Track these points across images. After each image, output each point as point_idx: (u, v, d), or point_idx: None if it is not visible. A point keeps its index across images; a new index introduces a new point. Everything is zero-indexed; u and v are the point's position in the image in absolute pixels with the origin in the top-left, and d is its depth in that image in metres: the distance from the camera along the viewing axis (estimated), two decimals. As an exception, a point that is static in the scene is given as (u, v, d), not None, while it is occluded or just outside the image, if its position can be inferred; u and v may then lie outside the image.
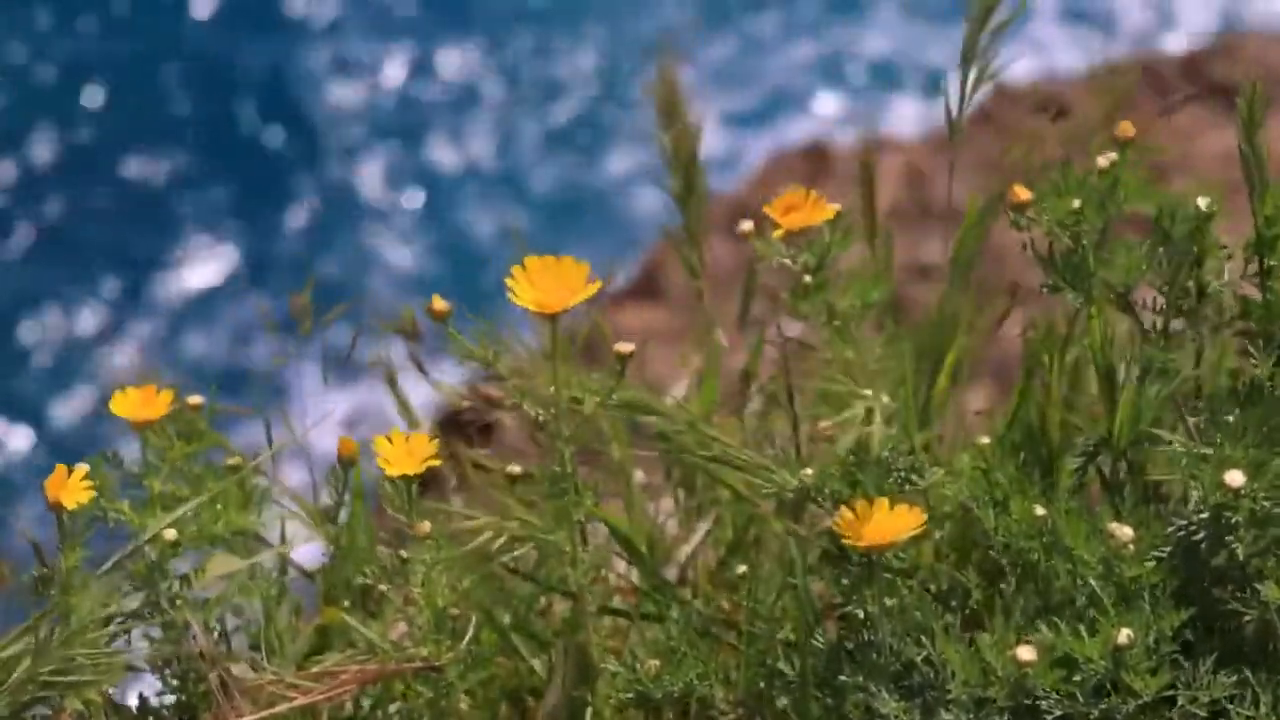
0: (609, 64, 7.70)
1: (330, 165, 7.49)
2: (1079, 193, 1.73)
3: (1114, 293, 1.76)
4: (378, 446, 1.71)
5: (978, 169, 5.35)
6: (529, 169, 7.41)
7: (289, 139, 7.53)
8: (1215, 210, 1.73)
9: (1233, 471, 1.61)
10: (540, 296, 1.63)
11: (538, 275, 1.64)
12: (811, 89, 7.56)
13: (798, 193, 1.78)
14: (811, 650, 1.71)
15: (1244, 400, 1.71)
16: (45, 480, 1.72)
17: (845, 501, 1.66)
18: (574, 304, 1.63)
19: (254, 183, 7.38)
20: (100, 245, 7.17)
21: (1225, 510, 1.62)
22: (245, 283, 7.06)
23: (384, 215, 7.33)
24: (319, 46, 7.84)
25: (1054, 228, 1.74)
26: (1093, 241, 1.74)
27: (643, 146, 6.54)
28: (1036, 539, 1.66)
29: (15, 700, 1.73)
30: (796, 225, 1.78)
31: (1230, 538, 1.63)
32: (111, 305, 7.02)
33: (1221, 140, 4.83)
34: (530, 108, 7.64)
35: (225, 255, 7.18)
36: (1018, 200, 1.75)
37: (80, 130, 7.51)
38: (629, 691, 1.74)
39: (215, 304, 7.03)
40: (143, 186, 7.39)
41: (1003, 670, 1.59)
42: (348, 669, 1.80)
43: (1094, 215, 1.74)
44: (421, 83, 7.79)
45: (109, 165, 7.43)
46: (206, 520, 1.85)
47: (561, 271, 1.64)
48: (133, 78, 7.68)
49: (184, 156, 7.45)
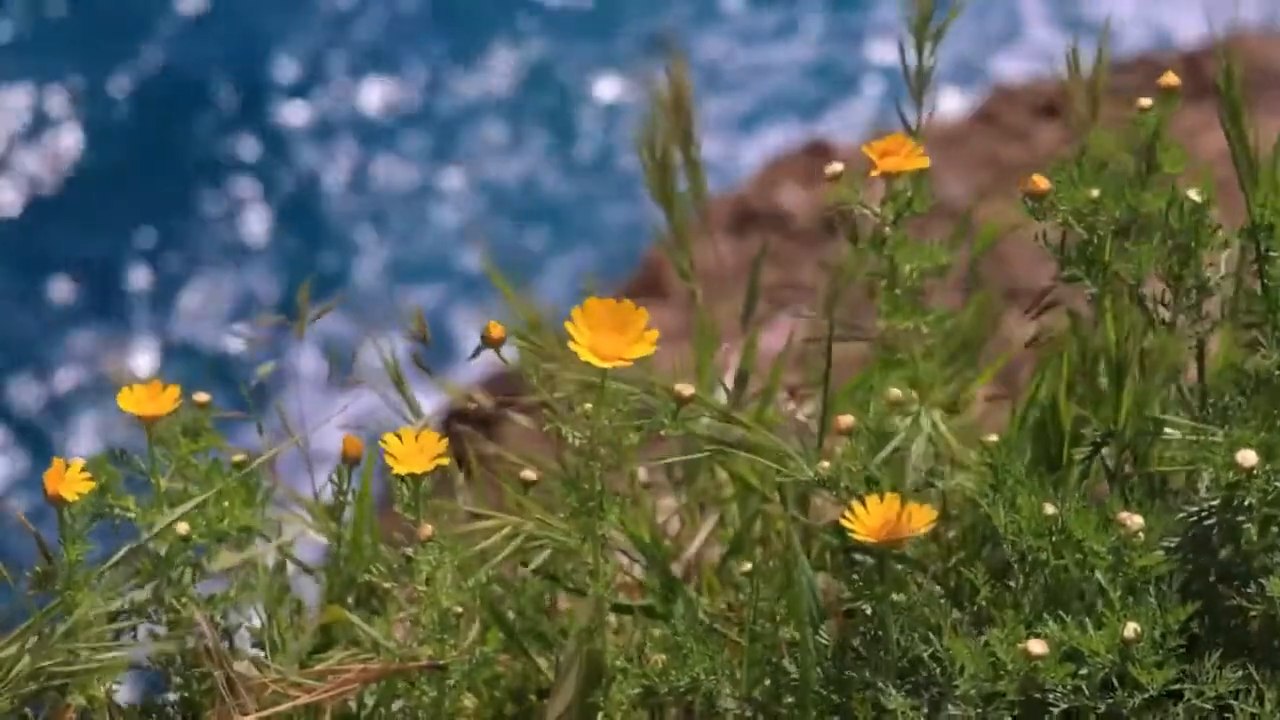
0: (608, 63, 7.70)
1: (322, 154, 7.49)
2: (1097, 182, 1.74)
3: (1127, 285, 1.76)
4: (386, 444, 1.70)
5: (979, 167, 5.36)
6: (531, 169, 7.41)
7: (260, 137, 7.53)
8: (1208, 199, 1.74)
9: (1245, 451, 1.62)
10: (597, 345, 1.62)
11: (596, 319, 1.63)
12: (811, 88, 7.56)
13: (896, 138, 1.79)
14: (816, 647, 1.71)
15: (1250, 390, 1.71)
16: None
17: (860, 496, 1.66)
18: (630, 359, 1.62)
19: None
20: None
21: (1238, 491, 1.63)
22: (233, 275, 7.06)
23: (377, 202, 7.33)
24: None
25: (1069, 218, 1.74)
26: (1110, 232, 1.74)
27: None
28: (1045, 537, 1.66)
29: (18, 695, 1.73)
30: (893, 169, 1.77)
31: (1243, 518, 1.64)
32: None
33: (1222, 139, 4.83)
34: (538, 103, 7.64)
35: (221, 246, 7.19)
36: (1035, 190, 1.75)
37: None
38: (636, 688, 1.74)
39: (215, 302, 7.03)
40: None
41: (1012, 664, 1.59)
42: (352, 667, 1.80)
43: (1112, 204, 1.74)
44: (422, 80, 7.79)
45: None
46: (213, 517, 1.85)
47: (620, 317, 1.63)
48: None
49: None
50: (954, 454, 1.77)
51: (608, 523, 1.70)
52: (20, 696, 1.74)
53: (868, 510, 1.64)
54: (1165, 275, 1.75)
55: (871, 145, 1.77)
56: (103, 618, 1.74)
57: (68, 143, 7.50)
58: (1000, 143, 5.44)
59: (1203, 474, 1.68)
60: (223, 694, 1.80)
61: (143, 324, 6.97)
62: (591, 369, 1.62)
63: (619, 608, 1.93)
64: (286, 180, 7.41)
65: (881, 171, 1.77)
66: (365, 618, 1.91)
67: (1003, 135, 5.47)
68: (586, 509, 1.69)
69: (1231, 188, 1.84)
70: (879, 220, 1.79)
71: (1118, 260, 1.74)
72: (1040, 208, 1.76)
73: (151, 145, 7.48)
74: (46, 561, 1.73)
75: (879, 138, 1.80)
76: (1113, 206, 1.74)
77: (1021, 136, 5.47)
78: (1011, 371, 2.84)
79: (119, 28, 7.81)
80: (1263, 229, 1.75)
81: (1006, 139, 5.45)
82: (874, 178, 1.78)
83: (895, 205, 1.79)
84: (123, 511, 1.81)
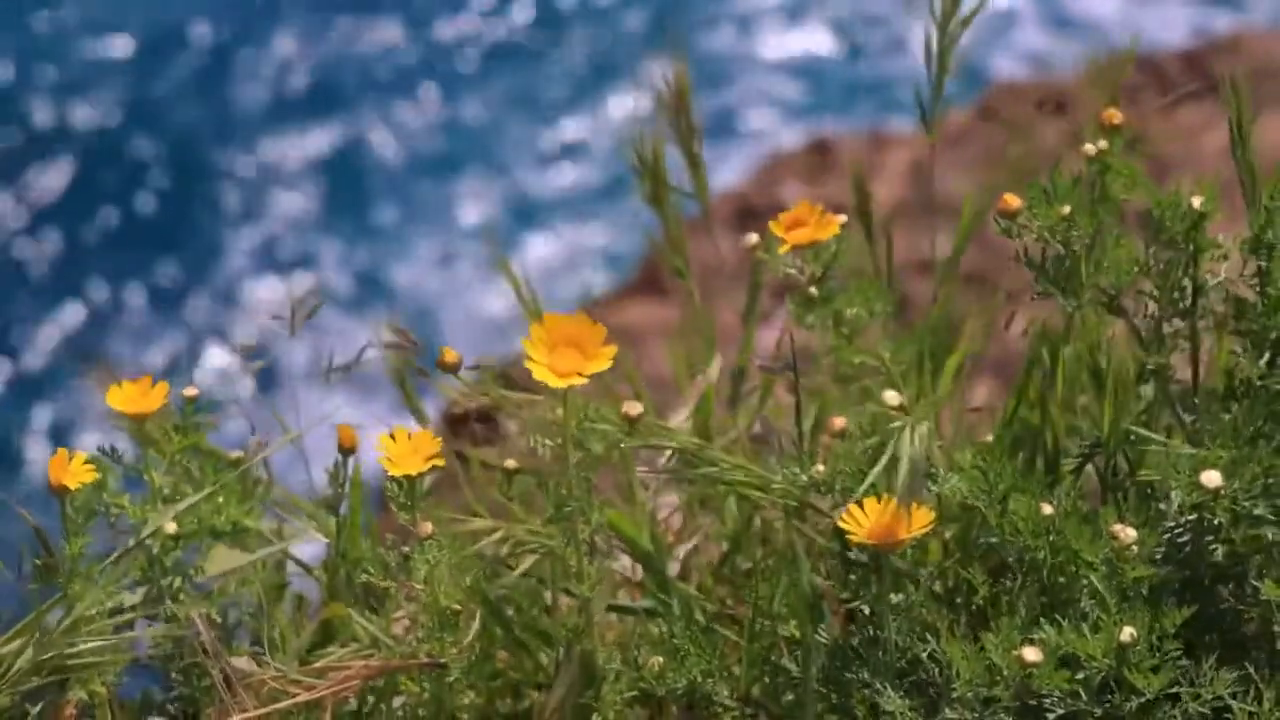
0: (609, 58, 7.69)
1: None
2: (1069, 198, 1.73)
3: (1106, 295, 1.76)
4: (382, 445, 1.70)
5: (981, 163, 5.36)
6: (529, 166, 7.41)
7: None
8: (1210, 209, 1.73)
9: (1209, 472, 1.61)
10: (555, 362, 1.62)
11: (554, 333, 1.63)
12: (810, 87, 7.56)
13: (803, 208, 1.79)
14: (815, 647, 1.71)
15: (1239, 399, 1.71)
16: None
17: (856, 499, 1.66)
18: (588, 376, 1.62)
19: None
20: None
21: (1204, 512, 1.62)
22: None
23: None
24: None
25: (1044, 234, 1.74)
26: (1084, 247, 1.74)
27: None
28: (1042, 538, 1.66)
29: (18, 691, 1.73)
30: (803, 241, 1.79)
31: (1210, 539, 1.63)
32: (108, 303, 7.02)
33: (1224, 137, 4.83)
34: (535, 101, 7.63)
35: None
36: (1008, 208, 1.75)
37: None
38: (632, 690, 1.74)
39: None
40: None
41: (1008, 670, 1.59)
42: (351, 664, 1.80)
43: (1085, 221, 1.74)
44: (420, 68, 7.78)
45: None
46: (206, 514, 1.85)
47: (577, 332, 1.63)
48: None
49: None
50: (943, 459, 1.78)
51: (590, 526, 1.71)
52: (21, 692, 1.74)
53: (865, 512, 1.64)
54: (1155, 282, 1.75)
55: (778, 219, 1.77)
56: (104, 612, 1.75)
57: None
58: (1002, 138, 5.44)
59: (1171, 493, 1.67)
60: (220, 691, 1.80)
61: (141, 321, 6.97)
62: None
63: (615, 608, 1.94)
64: (286, 173, 7.41)
65: (792, 245, 1.78)
66: (363, 613, 1.91)
67: (1005, 131, 5.47)
68: (564, 513, 1.70)
69: (1233, 185, 1.84)
70: (805, 280, 1.80)
71: (1094, 275, 1.74)
72: (1014, 226, 1.76)
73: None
74: (47, 554, 1.74)
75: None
76: (1087, 224, 1.74)
77: (1024, 132, 5.47)
78: (1008, 369, 2.84)
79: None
80: (1264, 243, 1.74)
81: (1009, 134, 5.45)
82: (789, 243, 1.78)
83: (820, 262, 1.80)
84: (117, 509, 1.81)
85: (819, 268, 1.80)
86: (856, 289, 1.82)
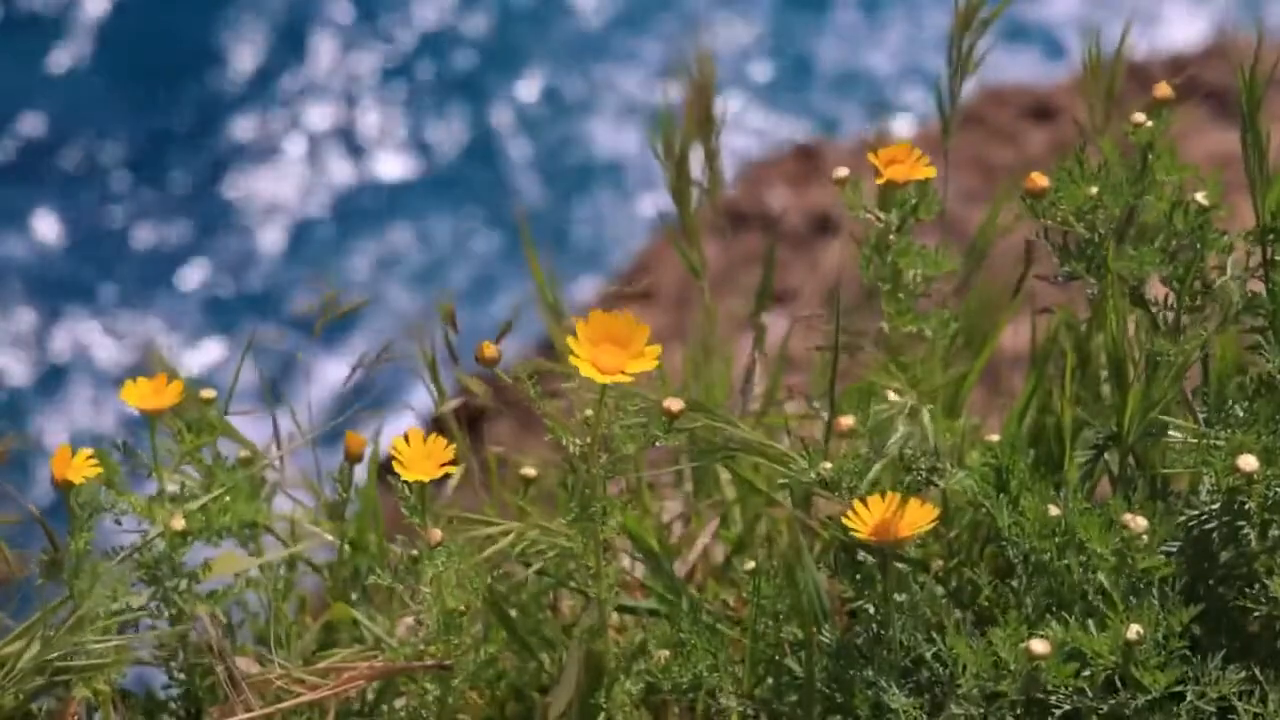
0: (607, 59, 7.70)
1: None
2: (1096, 180, 1.74)
3: (1128, 286, 1.77)
4: (395, 448, 1.70)
5: (968, 168, 5.36)
6: (526, 167, 7.41)
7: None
8: (1216, 203, 1.74)
9: (1246, 456, 1.62)
10: (599, 359, 1.62)
11: (598, 332, 1.63)
12: (807, 87, 7.57)
13: (900, 147, 1.78)
14: (819, 645, 1.71)
15: (1253, 394, 1.72)
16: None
17: (861, 497, 1.66)
18: (631, 374, 1.62)
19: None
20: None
21: (1238, 495, 1.63)
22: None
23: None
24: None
25: (1069, 216, 1.75)
26: (1110, 230, 1.75)
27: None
28: (1049, 538, 1.67)
29: (23, 690, 1.73)
30: (899, 177, 1.77)
31: (1242, 524, 1.64)
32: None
33: (1213, 142, 4.84)
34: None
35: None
36: (1034, 188, 1.75)
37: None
38: (639, 684, 1.74)
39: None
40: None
41: (1015, 664, 1.60)
42: (355, 665, 1.80)
43: (1113, 202, 1.75)
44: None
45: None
46: (214, 512, 1.85)
47: (622, 330, 1.63)
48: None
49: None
50: (946, 447, 1.78)
51: (609, 528, 1.70)
52: (25, 691, 1.73)
53: (870, 509, 1.64)
54: (1168, 277, 1.76)
55: (877, 152, 1.77)
56: (109, 611, 1.74)
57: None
58: (988, 145, 5.45)
59: (1204, 478, 1.68)
60: (225, 690, 1.80)
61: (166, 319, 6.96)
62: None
63: (624, 608, 1.94)
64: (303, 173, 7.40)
65: (887, 180, 1.77)
66: (369, 615, 1.91)
67: (991, 137, 5.47)
68: (588, 515, 1.70)
69: (1230, 189, 1.84)
70: (883, 226, 1.79)
71: (1118, 260, 1.74)
72: (1040, 206, 1.76)
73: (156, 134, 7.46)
74: (54, 550, 1.73)
75: (867, 141, 1.80)
76: (1112, 204, 1.75)
77: (1010, 139, 5.48)
78: (996, 376, 2.85)
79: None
80: (1273, 235, 1.75)
81: (995, 141, 5.46)
82: (877, 183, 1.78)
83: (900, 211, 1.80)
84: (124, 507, 1.80)
85: (899, 214, 1.79)
86: (921, 252, 1.80)
